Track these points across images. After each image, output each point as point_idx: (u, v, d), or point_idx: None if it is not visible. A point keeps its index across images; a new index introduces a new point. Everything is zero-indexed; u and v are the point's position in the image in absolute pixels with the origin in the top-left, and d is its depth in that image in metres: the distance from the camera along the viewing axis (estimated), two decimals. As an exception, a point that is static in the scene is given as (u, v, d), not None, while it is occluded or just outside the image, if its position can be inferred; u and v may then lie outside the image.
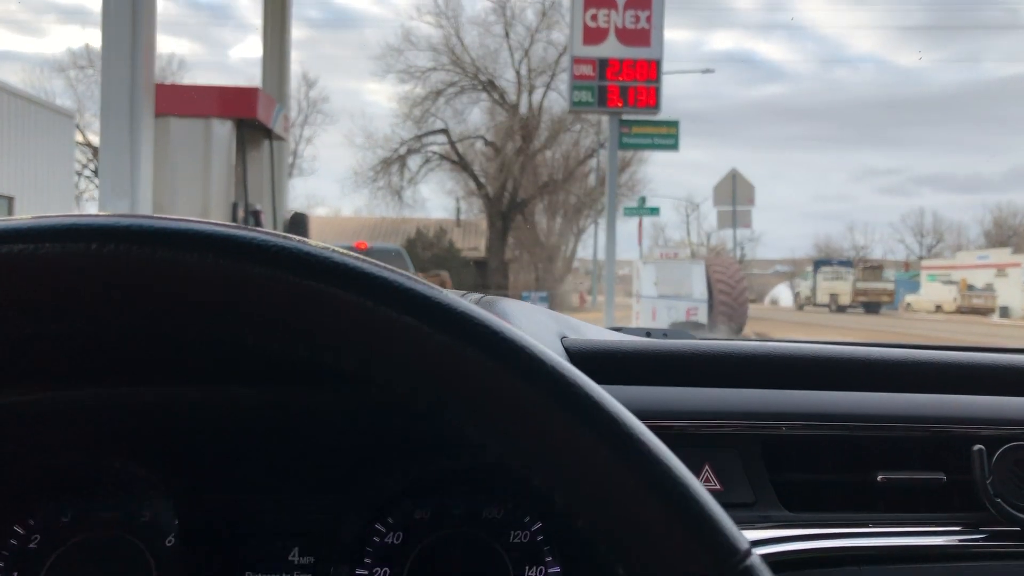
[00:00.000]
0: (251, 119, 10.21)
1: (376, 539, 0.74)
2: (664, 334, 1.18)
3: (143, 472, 0.70)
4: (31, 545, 0.69)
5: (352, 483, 0.73)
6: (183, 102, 10.01)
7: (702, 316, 12.20)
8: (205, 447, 0.72)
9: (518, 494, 0.76)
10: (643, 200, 20.74)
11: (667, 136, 12.22)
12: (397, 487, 0.74)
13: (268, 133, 11.04)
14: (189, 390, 0.66)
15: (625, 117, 11.87)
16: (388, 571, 0.73)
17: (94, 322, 0.29)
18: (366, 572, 0.73)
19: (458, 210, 27.07)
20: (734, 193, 13.45)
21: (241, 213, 9.85)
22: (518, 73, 24.69)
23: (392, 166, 24.83)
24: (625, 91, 11.42)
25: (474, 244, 25.22)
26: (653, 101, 11.44)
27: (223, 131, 10.05)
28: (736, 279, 12.84)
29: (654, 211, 20.23)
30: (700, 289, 12.47)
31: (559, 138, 24.75)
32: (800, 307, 33.34)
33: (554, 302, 20.44)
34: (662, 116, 11.95)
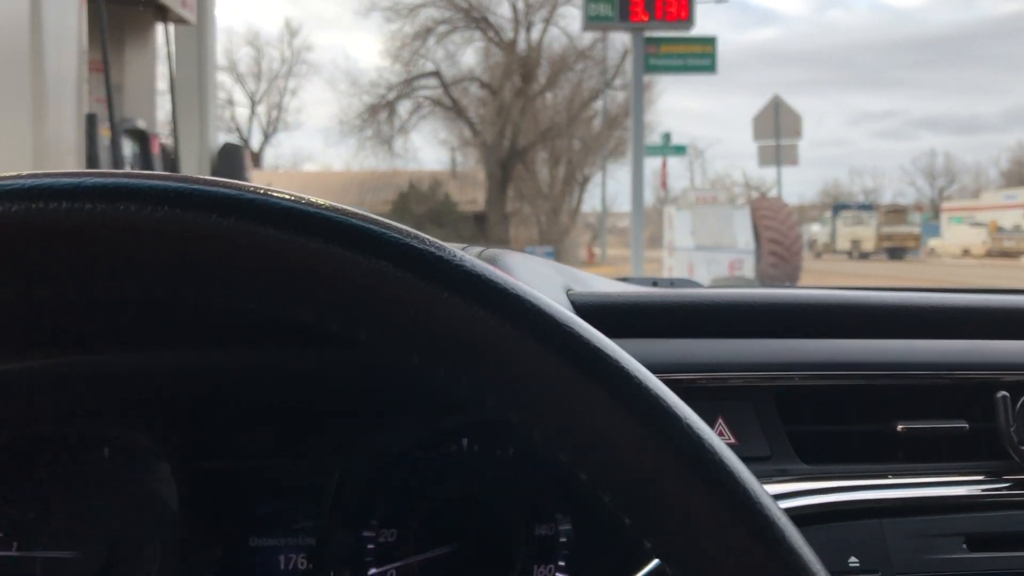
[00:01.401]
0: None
1: (380, 499, 0.76)
2: (671, 283, 1.20)
3: (141, 439, 0.72)
4: (28, 514, 0.72)
5: (355, 444, 0.75)
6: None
7: (748, 269, 10.93)
8: (203, 412, 0.74)
9: (524, 451, 0.78)
10: (667, 137, 18.83)
11: (702, 56, 10.75)
12: (399, 446, 0.77)
13: (160, 10, 7.05)
14: (185, 354, 0.68)
15: (651, 34, 10.49)
16: (394, 532, 0.76)
17: (94, 287, 0.30)
18: (372, 534, 0.75)
19: (453, 161, 26.83)
20: (777, 125, 12.15)
21: (106, 132, 5.97)
22: (515, 8, 24.24)
23: (380, 113, 24.55)
24: (651, 2, 10.01)
25: (472, 197, 25.03)
26: (685, 14, 10.01)
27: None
28: (788, 224, 11.41)
29: (680, 150, 18.51)
30: (745, 238, 11.22)
31: (561, 79, 24.39)
32: (818, 255, 33.21)
33: (559, 257, 20.29)
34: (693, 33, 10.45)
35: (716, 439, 0.33)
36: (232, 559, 0.73)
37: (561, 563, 0.76)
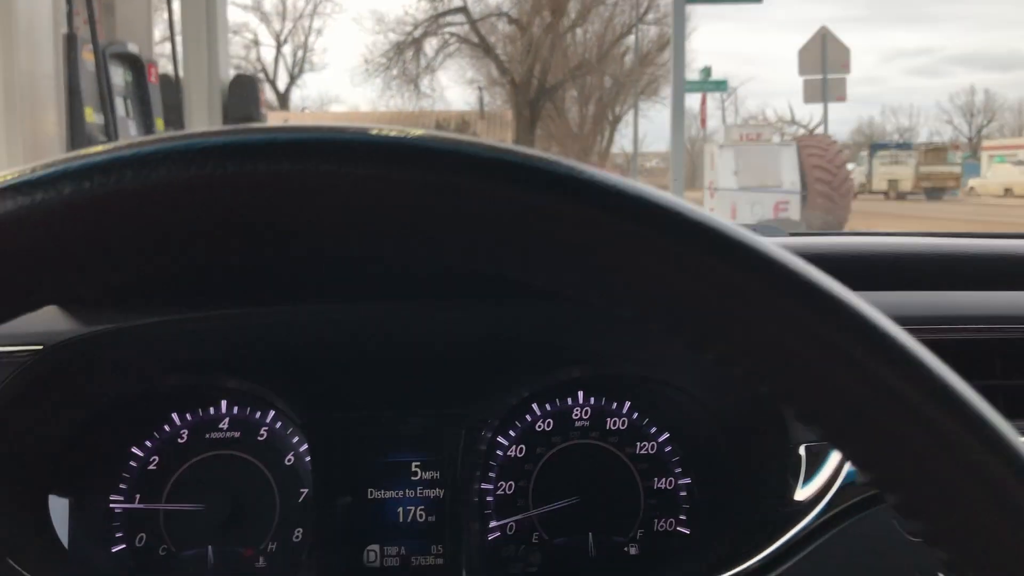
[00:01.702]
0: None
1: (499, 452, 0.75)
2: (754, 229, 1.16)
3: (261, 392, 0.71)
4: (151, 467, 0.72)
5: (473, 397, 0.74)
6: None
7: (794, 211, 10.46)
8: (326, 364, 0.72)
9: (643, 404, 0.76)
10: (708, 72, 17.86)
11: (748, -16, 10.04)
12: (518, 400, 0.75)
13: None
14: (315, 307, 0.66)
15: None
16: (513, 484, 0.75)
17: (272, 246, 0.28)
18: (491, 486, 0.74)
19: (481, 100, 26.41)
20: (824, 58, 11.46)
21: (88, 56, 5.11)
22: (544, -60, 23.46)
23: (406, 51, 24.15)
24: (693, -74, 9.31)
25: (500, 137, 24.75)
26: (728, -61, 9.33)
27: None
28: (837, 163, 10.91)
29: (721, 85, 17.52)
30: (792, 178, 10.71)
31: (591, 13, 23.73)
32: (855, 195, 32.49)
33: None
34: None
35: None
36: (351, 511, 0.72)
37: (682, 517, 0.75)
